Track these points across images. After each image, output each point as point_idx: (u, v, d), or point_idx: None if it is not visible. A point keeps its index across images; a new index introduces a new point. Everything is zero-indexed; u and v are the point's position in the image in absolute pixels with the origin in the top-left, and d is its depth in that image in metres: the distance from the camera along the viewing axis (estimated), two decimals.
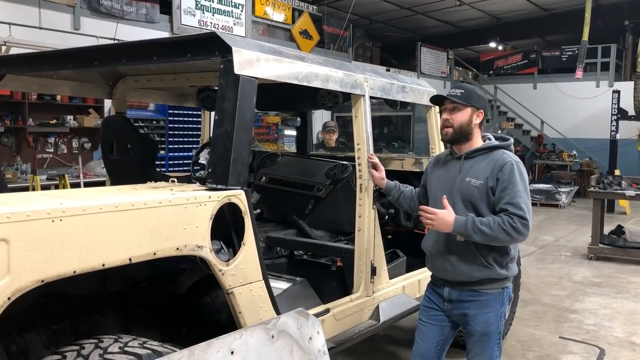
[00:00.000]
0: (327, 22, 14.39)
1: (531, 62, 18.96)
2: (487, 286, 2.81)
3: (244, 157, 2.44)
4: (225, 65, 2.39)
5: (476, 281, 2.80)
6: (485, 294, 2.82)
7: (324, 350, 2.34)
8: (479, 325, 2.84)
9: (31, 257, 1.71)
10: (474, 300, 2.83)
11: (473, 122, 2.83)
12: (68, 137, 8.90)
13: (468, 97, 2.82)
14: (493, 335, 2.86)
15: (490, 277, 2.79)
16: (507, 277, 2.83)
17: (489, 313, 2.83)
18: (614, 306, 5.97)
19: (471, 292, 2.83)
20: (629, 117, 12.77)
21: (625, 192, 8.18)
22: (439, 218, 2.70)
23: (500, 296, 2.84)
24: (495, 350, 2.89)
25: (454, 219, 2.68)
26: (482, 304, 2.82)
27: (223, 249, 2.36)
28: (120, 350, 1.92)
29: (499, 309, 2.84)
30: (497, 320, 2.85)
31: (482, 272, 2.78)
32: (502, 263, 2.79)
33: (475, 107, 2.83)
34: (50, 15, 8.54)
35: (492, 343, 2.88)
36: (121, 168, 3.75)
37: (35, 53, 3.33)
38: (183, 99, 4.38)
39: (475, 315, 2.84)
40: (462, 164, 2.83)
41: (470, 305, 2.84)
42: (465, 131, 2.83)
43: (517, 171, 2.72)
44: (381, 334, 4.85)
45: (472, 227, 2.64)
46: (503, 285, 2.84)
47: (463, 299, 2.86)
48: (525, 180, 2.75)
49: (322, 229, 4.18)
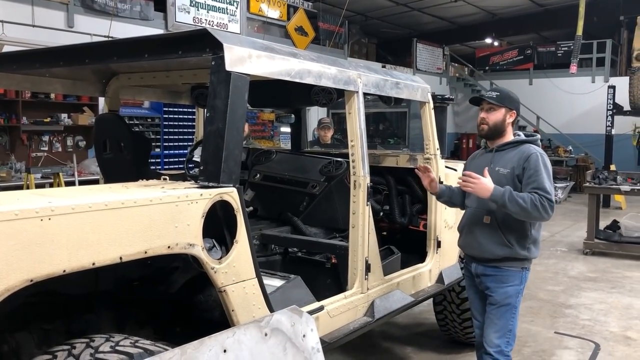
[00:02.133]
0: (322, 19, 14.38)
1: (527, 58, 18.99)
2: (507, 263, 3.16)
3: (236, 155, 2.43)
4: (216, 62, 2.37)
5: (498, 259, 3.16)
6: (506, 270, 3.18)
7: (317, 348, 2.33)
8: (499, 296, 3.19)
9: (19, 257, 1.69)
10: (495, 274, 3.20)
11: (506, 121, 3.24)
12: (62, 135, 8.88)
13: (502, 99, 3.22)
14: (511, 307, 3.18)
15: (510, 256, 3.14)
16: (527, 258, 3.18)
17: (508, 286, 3.18)
18: (609, 301, 5.99)
19: (494, 268, 3.20)
20: (624, 112, 12.80)
21: (620, 187, 8.20)
22: (480, 182, 3.03)
23: (520, 274, 3.19)
24: (509, 323, 3.19)
25: (494, 187, 3.02)
26: (503, 278, 3.18)
27: (215, 247, 2.35)
28: (112, 349, 1.90)
29: (518, 285, 3.19)
30: (515, 295, 3.18)
31: (503, 251, 3.14)
32: (523, 244, 3.13)
33: (508, 107, 3.23)
34: (43, 13, 8.51)
35: (508, 315, 3.18)
36: (114, 166, 3.73)
37: (26, 51, 3.30)
38: (177, 96, 4.35)
39: (497, 287, 3.20)
40: (494, 156, 3.25)
41: (492, 279, 3.21)
42: (499, 128, 3.23)
43: (541, 161, 3.08)
44: (376, 331, 4.86)
45: (509, 196, 2.97)
46: (523, 265, 3.19)
47: (487, 274, 3.23)
48: (549, 169, 3.10)
49: (316, 226, 4.17)
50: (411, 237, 4.27)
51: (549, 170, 3.10)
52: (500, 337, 3.17)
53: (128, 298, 2.58)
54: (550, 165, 3.14)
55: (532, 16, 18.38)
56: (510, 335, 3.20)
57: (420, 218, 4.31)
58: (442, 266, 4.14)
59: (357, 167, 3.26)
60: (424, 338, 4.90)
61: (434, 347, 4.69)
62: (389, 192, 4.34)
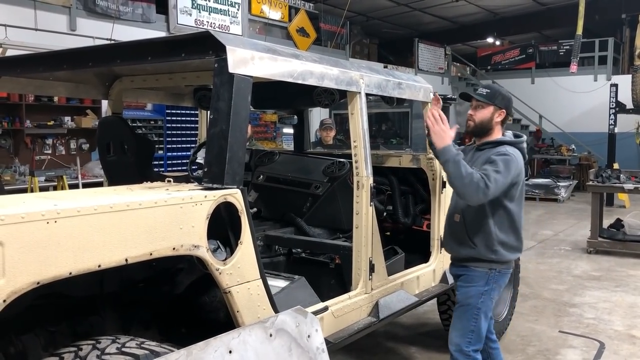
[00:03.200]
0: (323, 20, 14.38)
1: (529, 57, 18.95)
2: (474, 263, 3.13)
3: (240, 156, 2.44)
4: (219, 64, 2.38)
5: (464, 258, 3.16)
6: (472, 269, 3.14)
7: (322, 348, 2.33)
8: (460, 295, 3.19)
9: (26, 259, 1.70)
10: (462, 274, 3.19)
11: (494, 119, 3.14)
12: (66, 138, 8.90)
13: (492, 96, 3.13)
14: (470, 308, 3.11)
15: (473, 256, 3.10)
16: (493, 260, 3.09)
17: (470, 287, 3.13)
18: (613, 300, 5.98)
19: (462, 268, 3.20)
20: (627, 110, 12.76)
21: (624, 185, 8.18)
22: (442, 129, 2.97)
23: (486, 276, 3.10)
24: (471, 323, 3.11)
25: (452, 143, 2.96)
26: (468, 278, 3.16)
27: (220, 248, 2.36)
28: (118, 351, 1.91)
29: (481, 287, 3.10)
30: (477, 296, 3.10)
31: (467, 251, 3.12)
32: (488, 246, 3.07)
33: (497, 106, 3.13)
34: (46, 17, 8.53)
35: (468, 315, 3.12)
36: (118, 169, 3.74)
37: (30, 54, 3.32)
38: (179, 98, 4.37)
39: (460, 287, 3.20)
40: (474, 154, 3.20)
41: (461, 279, 3.21)
42: (485, 126, 3.15)
43: (504, 160, 2.96)
44: (381, 331, 4.86)
45: (455, 155, 2.90)
46: (490, 267, 3.10)
47: (457, 274, 3.25)
48: (509, 170, 2.93)
49: (320, 227, 4.18)
50: (415, 237, 4.27)
51: (509, 171, 2.93)
52: (460, 336, 3.12)
53: (133, 299, 2.59)
54: (514, 171, 2.97)
55: (534, 15, 18.36)
56: (473, 335, 3.10)
57: (423, 218, 4.32)
58: (446, 266, 4.14)
59: (360, 167, 3.27)
60: (428, 338, 4.90)
61: (438, 347, 4.68)
62: (392, 192, 4.35)
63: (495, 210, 3.05)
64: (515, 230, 3.12)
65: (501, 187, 2.93)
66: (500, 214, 3.06)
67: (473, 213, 3.07)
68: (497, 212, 3.05)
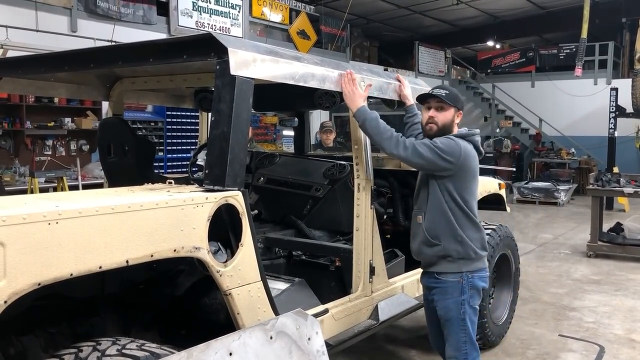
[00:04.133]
0: (324, 22, 14.40)
1: (529, 61, 18.97)
2: (441, 268, 3.05)
3: (241, 158, 2.44)
4: (221, 66, 2.39)
5: (432, 262, 3.08)
6: (443, 281, 3.06)
7: (322, 351, 2.34)
8: (441, 311, 3.10)
9: (27, 260, 1.70)
10: (436, 286, 3.10)
11: (454, 121, 3.13)
12: (66, 139, 8.89)
13: (453, 98, 3.11)
14: (454, 320, 3.05)
15: (440, 254, 3.02)
16: (462, 257, 3.01)
17: (447, 300, 3.05)
18: (613, 303, 5.97)
19: (434, 279, 3.10)
20: (627, 114, 12.77)
21: (623, 189, 8.19)
22: (351, 89, 3.07)
23: (459, 284, 3.03)
24: (461, 336, 3.05)
25: (363, 104, 3.06)
26: (442, 291, 3.07)
27: (221, 250, 2.36)
28: (118, 352, 1.92)
29: (458, 297, 3.03)
30: (457, 307, 3.03)
31: (434, 250, 3.04)
32: (454, 237, 2.99)
33: (457, 107, 3.12)
34: (47, 18, 8.53)
35: (456, 328, 3.05)
36: (119, 170, 3.74)
37: (31, 56, 3.33)
38: (180, 100, 4.37)
39: (438, 301, 3.10)
40: None
41: (434, 292, 3.12)
42: (448, 129, 3.10)
43: (442, 139, 2.98)
44: (381, 334, 4.85)
45: (372, 113, 3.01)
46: (460, 270, 3.02)
47: (430, 285, 3.15)
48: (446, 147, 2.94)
49: (320, 229, 4.18)
50: None
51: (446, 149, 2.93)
52: (455, 350, 3.08)
53: (134, 301, 2.59)
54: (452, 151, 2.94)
55: (534, 19, 18.38)
56: (467, 346, 3.06)
57: None
58: None
59: (360, 170, 3.27)
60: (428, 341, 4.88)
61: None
62: (393, 194, 4.35)
63: (448, 202, 3.02)
64: (473, 222, 3.07)
65: (433, 162, 2.94)
66: (452, 205, 3.02)
67: (431, 208, 3.05)
68: (450, 205, 3.02)
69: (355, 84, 3.09)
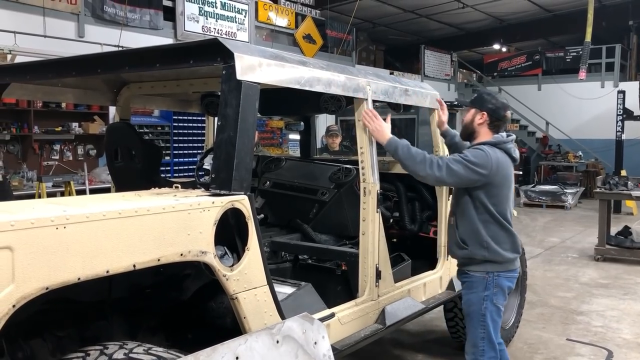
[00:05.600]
0: (330, 26, 14.42)
1: (535, 64, 18.92)
2: (470, 267, 3.17)
3: (247, 162, 2.45)
4: (227, 71, 2.40)
5: (462, 263, 3.22)
6: (470, 275, 3.17)
7: (329, 355, 2.33)
8: (464, 304, 3.24)
9: (35, 265, 1.71)
10: (464, 281, 3.24)
11: (475, 122, 3.21)
12: (73, 144, 8.95)
13: (475, 100, 3.27)
14: (475, 315, 3.14)
15: (468, 257, 3.15)
16: (487, 259, 3.10)
17: (471, 294, 3.16)
18: (621, 307, 5.94)
19: (463, 274, 3.24)
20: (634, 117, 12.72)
21: (631, 192, 8.14)
22: (377, 123, 3.17)
23: (484, 280, 3.12)
24: (480, 331, 3.12)
25: (391, 136, 3.15)
26: (469, 285, 3.19)
27: (227, 254, 2.36)
28: (125, 356, 1.92)
29: (481, 292, 3.12)
30: (479, 302, 3.12)
31: (461, 252, 3.18)
32: (479, 242, 3.09)
33: (477, 108, 3.21)
34: (54, 24, 8.59)
35: (475, 323, 3.14)
36: (126, 175, 3.76)
37: (39, 61, 3.35)
38: (187, 104, 4.39)
39: (464, 295, 3.24)
40: None
41: (464, 287, 3.26)
42: (468, 128, 3.24)
43: (471, 151, 3.08)
44: (387, 338, 4.85)
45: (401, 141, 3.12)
46: (487, 270, 3.12)
47: (461, 280, 3.29)
48: (476, 159, 3.01)
49: (326, 233, 4.18)
50: (421, 243, 4.26)
51: (476, 162, 3.00)
52: (473, 346, 3.15)
53: (141, 305, 2.60)
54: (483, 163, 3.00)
55: (540, 21, 18.34)
56: (484, 342, 3.10)
57: (430, 225, 4.31)
58: (453, 273, 4.13)
59: (366, 174, 3.27)
60: (435, 345, 4.88)
61: (445, 355, 4.67)
62: (399, 198, 4.34)
63: (477, 209, 3.10)
64: (504, 227, 3.13)
65: (466, 176, 3.02)
66: (481, 211, 3.09)
67: (461, 214, 3.16)
68: (479, 211, 3.10)
69: (378, 118, 3.18)
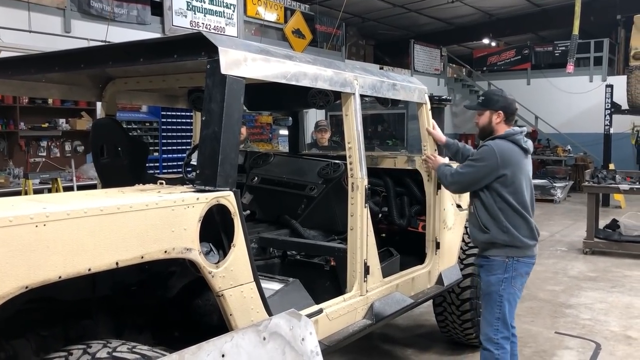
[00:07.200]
0: (319, 21, 14.37)
1: (524, 58, 19.00)
2: (491, 252, 3.38)
3: (232, 158, 2.42)
4: (211, 66, 2.36)
5: (484, 247, 3.43)
6: (491, 259, 3.39)
7: (316, 351, 2.32)
8: (483, 285, 3.47)
9: (14, 263, 1.68)
10: (483, 264, 3.46)
11: (493, 121, 3.47)
12: (60, 140, 8.87)
13: (486, 102, 3.51)
14: (493, 295, 3.36)
15: (489, 241, 3.37)
16: (509, 245, 3.33)
17: (491, 275, 3.38)
18: (609, 300, 5.98)
19: (483, 258, 3.46)
20: (622, 111, 12.80)
21: (619, 186, 8.20)
22: (433, 161, 3.78)
23: (504, 264, 3.34)
24: (496, 311, 3.35)
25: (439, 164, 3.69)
26: (489, 267, 3.41)
27: (212, 251, 2.33)
28: (109, 355, 1.89)
29: (501, 274, 3.34)
30: (497, 283, 3.35)
31: (484, 236, 3.40)
32: (500, 228, 3.32)
33: (492, 109, 3.46)
34: (40, 19, 8.49)
35: (492, 303, 3.36)
36: (112, 171, 3.72)
37: (21, 56, 3.29)
38: (174, 100, 4.34)
39: (483, 277, 3.47)
40: None
41: (482, 270, 3.48)
42: (487, 129, 3.51)
43: (478, 151, 3.43)
44: (376, 333, 4.85)
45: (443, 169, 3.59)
46: (507, 254, 3.34)
47: (480, 264, 3.52)
48: (481, 159, 3.36)
49: (315, 229, 4.16)
50: (410, 238, 4.26)
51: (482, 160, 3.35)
52: (487, 325, 3.37)
53: (126, 303, 2.57)
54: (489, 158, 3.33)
55: (529, 16, 18.40)
56: (499, 323, 3.33)
57: (419, 219, 4.30)
58: (442, 267, 4.13)
59: (354, 169, 3.25)
60: (425, 340, 4.89)
61: (435, 349, 4.68)
62: (388, 193, 4.33)
63: (495, 198, 3.36)
64: (521, 215, 3.35)
65: (472, 174, 3.38)
66: (499, 201, 3.35)
67: (480, 203, 3.41)
68: (497, 200, 3.36)
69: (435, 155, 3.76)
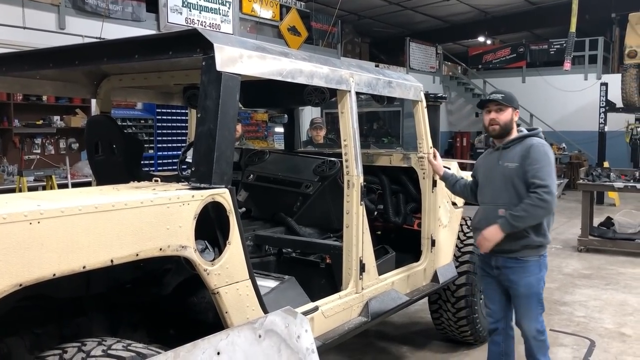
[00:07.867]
0: (315, 19, 14.36)
1: (520, 56, 19.03)
2: (525, 253, 3.38)
3: (228, 155, 2.41)
4: (207, 62, 2.36)
5: (517, 249, 3.38)
6: (524, 260, 3.39)
7: (312, 349, 2.32)
8: (522, 288, 3.43)
9: (8, 261, 1.67)
10: (515, 266, 3.41)
11: (513, 119, 3.50)
12: (55, 137, 8.83)
13: (509, 99, 3.50)
14: (535, 295, 3.43)
15: (527, 245, 3.37)
16: (542, 245, 3.41)
17: (530, 277, 3.40)
18: (603, 298, 6.00)
19: (514, 260, 3.41)
20: (617, 109, 12.85)
21: (614, 183, 8.23)
22: (487, 236, 3.39)
23: (538, 263, 3.41)
24: (539, 309, 3.46)
25: (498, 226, 3.33)
26: (524, 270, 3.40)
27: (208, 249, 2.33)
28: (104, 353, 1.89)
29: (538, 274, 3.41)
30: (537, 283, 3.42)
31: (521, 241, 3.36)
32: (537, 231, 3.36)
33: (514, 107, 3.51)
34: (34, 15, 8.45)
35: (535, 302, 3.44)
36: (107, 168, 3.70)
37: (14, 53, 3.27)
38: (169, 97, 4.32)
39: (519, 279, 3.42)
40: (501, 153, 3.50)
41: (513, 271, 3.42)
42: (508, 127, 3.49)
43: (541, 150, 3.36)
44: (372, 330, 4.85)
45: (512, 219, 3.29)
46: (539, 253, 3.41)
47: (507, 266, 3.44)
48: (549, 157, 3.36)
49: (310, 226, 4.16)
50: (405, 236, 4.26)
51: (550, 158, 3.36)
52: (534, 321, 3.44)
53: (121, 301, 2.56)
54: (551, 154, 3.39)
55: (525, 14, 18.43)
56: (541, 317, 3.47)
57: (414, 217, 4.30)
58: (437, 265, 4.14)
59: (350, 166, 3.25)
60: (420, 337, 4.90)
61: (430, 346, 4.69)
62: (383, 191, 4.33)
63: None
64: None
65: (553, 176, 3.35)
66: None
67: (515, 205, 3.35)
68: None
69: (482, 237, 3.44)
